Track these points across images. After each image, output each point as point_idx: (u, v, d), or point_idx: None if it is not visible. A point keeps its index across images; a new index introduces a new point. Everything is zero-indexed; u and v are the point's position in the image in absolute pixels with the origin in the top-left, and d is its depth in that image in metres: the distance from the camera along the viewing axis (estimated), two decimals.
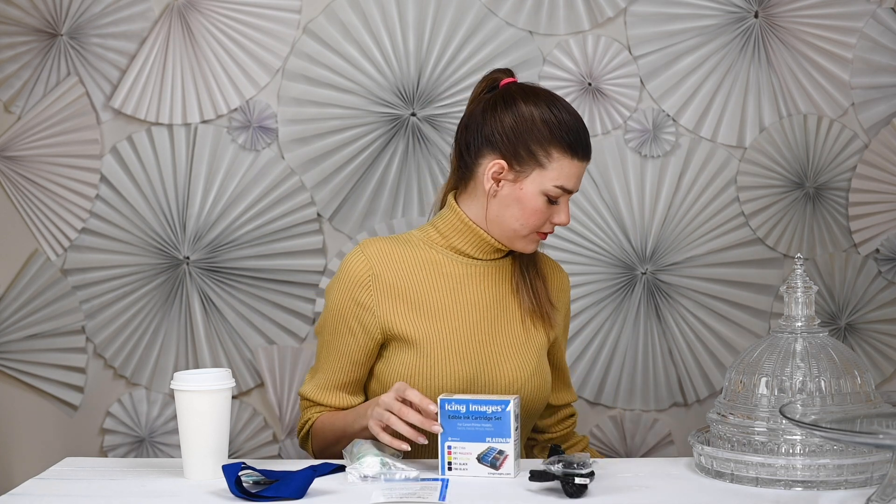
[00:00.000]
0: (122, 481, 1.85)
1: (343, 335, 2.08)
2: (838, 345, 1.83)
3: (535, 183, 2.02)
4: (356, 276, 2.07)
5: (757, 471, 1.75)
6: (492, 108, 2.05)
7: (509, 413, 1.80)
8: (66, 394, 2.68)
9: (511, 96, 2.04)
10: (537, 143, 2.01)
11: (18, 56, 2.62)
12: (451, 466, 1.82)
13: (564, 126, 2.01)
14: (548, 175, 2.01)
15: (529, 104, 2.02)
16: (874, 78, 2.65)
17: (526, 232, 2.05)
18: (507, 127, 2.02)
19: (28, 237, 2.65)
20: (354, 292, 2.07)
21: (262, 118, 2.64)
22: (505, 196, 2.04)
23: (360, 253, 2.09)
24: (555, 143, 2.00)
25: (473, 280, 2.10)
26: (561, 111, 2.02)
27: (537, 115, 2.01)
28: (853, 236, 2.67)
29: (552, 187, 2.01)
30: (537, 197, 2.02)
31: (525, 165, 2.02)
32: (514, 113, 2.02)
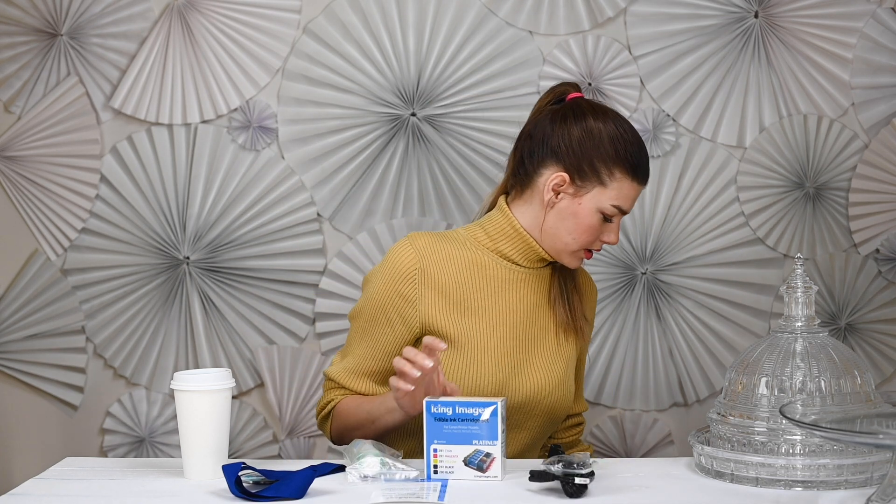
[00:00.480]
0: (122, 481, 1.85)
1: (381, 325, 2.08)
2: (838, 345, 1.83)
3: (594, 200, 2.03)
4: (403, 268, 2.07)
5: (757, 471, 1.75)
6: (561, 119, 2.06)
7: (496, 415, 1.79)
8: (66, 394, 2.68)
9: (581, 110, 2.05)
10: (602, 161, 2.02)
11: (18, 56, 2.62)
12: (436, 469, 1.81)
13: (631, 147, 2.03)
14: (607, 193, 2.03)
15: (598, 121, 2.03)
16: (874, 78, 2.65)
17: (576, 247, 2.07)
18: (575, 140, 2.03)
19: (28, 237, 2.65)
20: (399, 284, 2.07)
21: (262, 118, 2.64)
22: (562, 209, 2.05)
23: (409, 245, 2.09)
24: (619, 162, 2.02)
25: (514, 285, 2.11)
26: (628, 132, 2.04)
27: (605, 132, 2.02)
28: (853, 236, 2.67)
29: (609, 206, 2.03)
30: (593, 214, 2.04)
31: (586, 181, 2.03)
32: (583, 127, 2.03)
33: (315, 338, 2.68)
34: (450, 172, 2.65)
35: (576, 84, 2.16)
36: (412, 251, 2.08)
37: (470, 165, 2.65)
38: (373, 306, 2.09)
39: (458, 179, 2.65)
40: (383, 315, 2.08)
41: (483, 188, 2.65)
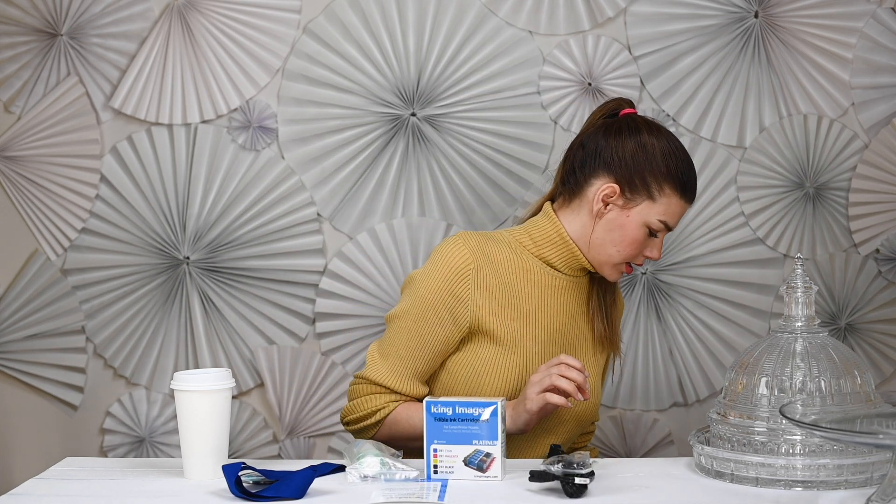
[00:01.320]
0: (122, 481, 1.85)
1: (430, 324, 2.07)
2: (838, 345, 1.83)
3: (642, 214, 2.05)
4: (458, 267, 2.06)
5: (757, 471, 1.75)
6: (615, 132, 2.08)
7: (497, 415, 1.79)
8: (66, 394, 2.68)
9: (636, 125, 2.08)
10: (653, 176, 2.05)
11: (18, 56, 2.62)
12: (436, 470, 1.81)
13: (682, 165, 2.06)
14: (656, 208, 2.05)
15: (653, 136, 2.06)
16: (874, 78, 2.65)
17: (619, 260, 2.08)
18: (628, 153, 2.06)
19: (28, 237, 2.65)
20: (453, 284, 2.06)
21: (262, 118, 2.64)
22: (610, 220, 2.07)
23: (462, 245, 2.08)
24: (670, 179, 2.05)
25: (555, 292, 2.12)
26: (680, 150, 2.07)
27: (659, 148, 2.05)
28: (853, 236, 2.67)
29: (656, 220, 2.05)
30: (640, 228, 2.06)
31: (636, 194, 2.05)
32: (637, 141, 2.06)
33: (315, 338, 2.68)
34: (450, 172, 2.65)
35: (629, 101, 2.18)
36: (466, 250, 2.07)
37: (470, 165, 2.65)
38: (422, 305, 2.07)
39: (458, 179, 2.65)
40: (434, 314, 2.07)
41: (483, 188, 2.65)
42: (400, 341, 2.09)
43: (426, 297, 2.07)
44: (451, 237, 2.12)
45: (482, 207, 2.66)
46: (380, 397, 2.09)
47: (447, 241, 2.11)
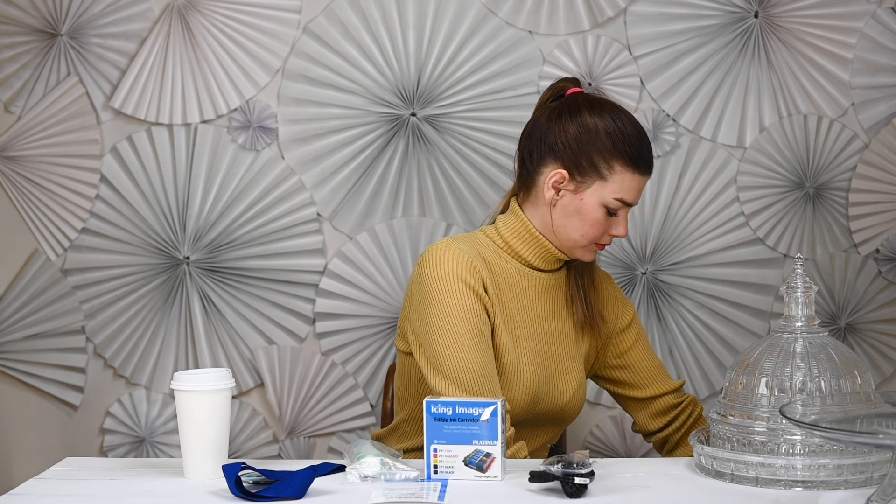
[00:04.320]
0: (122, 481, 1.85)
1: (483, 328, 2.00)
2: (838, 345, 1.83)
3: (596, 195, 2.02)
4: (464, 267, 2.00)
5: (757, 471, 1.75)
6: (556, 116, 2.05)
7: (497, 415, 1.79)
8: (66, 394, 2.68)
9: (576, 106, 2.04)
10: (599, 155, 2.01)
11: (18, 56, 2.62)
12: (436, 470, 1.81)
13: (628, 139, 2.01)
14: (609, 187, 2.01)
15: (594, 115, 2.02)
16: (874, 78, 2.65)
17: (585, 243, 2.06)
18: (571, 137, 2.02)
19: (28, 237, 2.66)
20: (469, 283, 2.00)
21: (262, 118, 2.64)
22: (565, 206, 2.04)
23: (455, 249, 2.02)
24: (617, 155, 2.01)
25: (534, 291, 2.10)
26: (625, 123, 2.02)
27: (601, 126, 2.01)
28: (853, 236, 2.67)
29: (612, 199, 2.01)
30: (597, 209, 2.02)
31: (586, 176, 2.02)
32: (579, 123, 2.02)
33: (315, 338, 2.68)
34: (450, 172, 2.65)
35: (575, 79, 2.14)
36: (460, 252, 2.02)
37: (470, 165, 2.65)
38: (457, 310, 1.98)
39: (458, 179, 2.66)
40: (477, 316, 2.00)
41: (483, 188, 2.65)
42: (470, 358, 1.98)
43: (454, 305, 1.99)
44: (437, 245, 2.05)
45: (482, 207, 2.66)
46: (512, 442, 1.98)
47: (434, 253, 2.03)
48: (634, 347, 2.22)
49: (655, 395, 2.23)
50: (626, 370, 2.23)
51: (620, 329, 2.22)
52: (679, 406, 2.23)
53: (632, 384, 2.23)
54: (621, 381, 2.24)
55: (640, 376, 2.22)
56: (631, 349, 2.22)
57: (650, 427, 2.24)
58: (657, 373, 2.24)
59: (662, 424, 2.23)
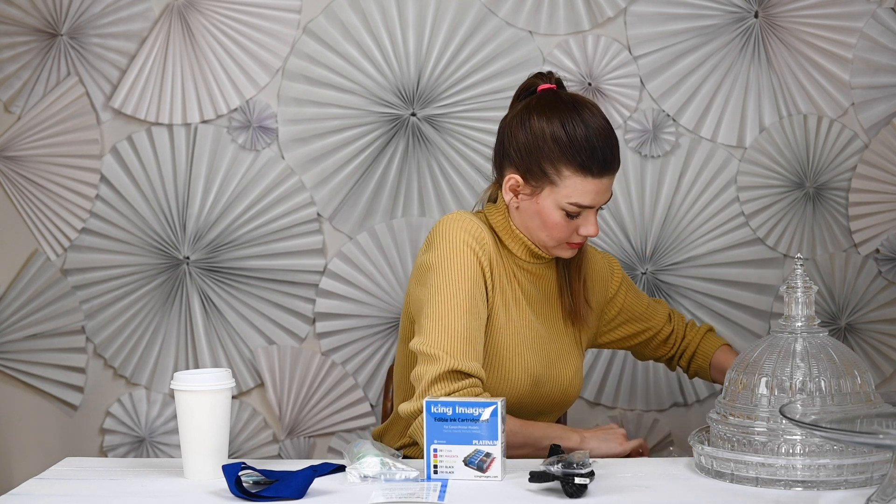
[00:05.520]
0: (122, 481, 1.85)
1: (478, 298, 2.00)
2: (838, 345, 1.83)
3: (550, 199, 2.00)
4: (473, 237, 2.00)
5: (757, 471, 1.75)
6: (510, 121, 2.04)
7: (497, 415, 1.79)
8: (66, 394, 2.68)
9: (528, 111, 2.02)
10: (548, 161, 1.99)
11: (18, 56, 2.62)
12: (436, 470, 1.81)
13: (575, 145, 1.97)
14: (561, 192, 1.99)
15: (542, 120, 2.00)
16: (874, 78, 2.65)
17: (554, 243, 2.05)
18: (521, 143, 2.01)
19: (28, 237, 2.66)
20: (476, 251, 2.01)
21: (262, 118, 2.64)
22: (526, 209, 2.04)
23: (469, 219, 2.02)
24: (564, 161, 1.98)
25: (528, 278, 2.11)
26: (575, 127, 1.98)
27: (548, 132, 1.98)
28: (853, 236, 2.67)
29: (567, 204, 2.00)
30: (554, 212, 2.01)
31: (539, 181, 2.00)
32: (527, 129, 2.01)
33: (315, 338, 2.68)
34: (450, 172, 2.65)
35: (545, 74, 2.10)
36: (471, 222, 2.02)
37: (470, 165, 2.65)
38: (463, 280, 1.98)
39: (458, 179, 2.66)
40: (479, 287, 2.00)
41: (483, 188, 2.65)
42: (462, 321, 1.96)
43: (465, 271, 1.99)
44: (451, 214, 2.05)
45: None
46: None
47: (449, 221, 2.03)
48: (625, 303, 2.26)
49: (656, 327, 2.29)
50: (623, 326, 2.28)
51: (610, 298, 2.25)
52: (683, 324, 2.32)
53: (633, 334, 2.29)
54: (623, 336, 2.29)
55: (636, 322, 2.28)
56: (622, 308, 2.26)
57: (665, 353, 2.31)
58: (649, 310, 2.29)
59: (674, 346, 2.30)
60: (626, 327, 2.28)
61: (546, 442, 1.99)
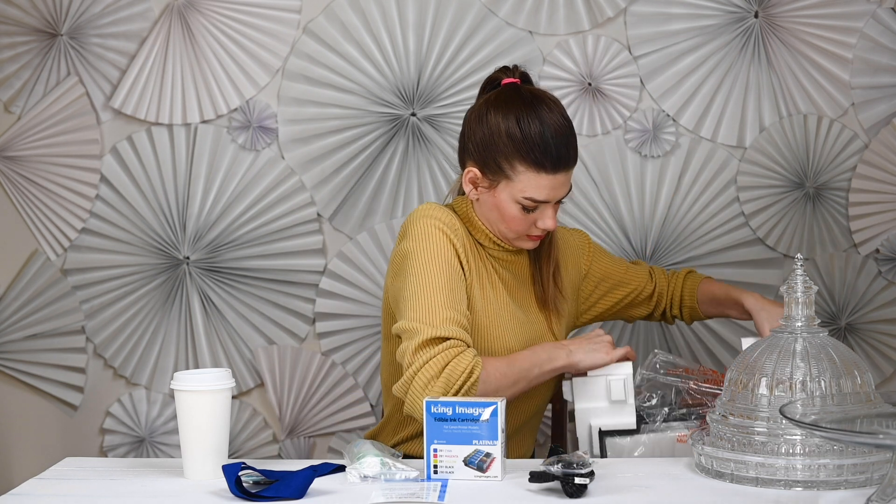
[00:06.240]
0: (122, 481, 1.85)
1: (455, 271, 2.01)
2: (838, 345, 1.83)
3: (506, 193, 2.03)
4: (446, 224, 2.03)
5: (757, 471, 1.75)
6: (469, 116, 2.07)
7: (497, 415, 1.79)
8: (66, 394, 2.68)
9: (487, 106, 2.04)
10: (503, 157, 2.01)
11: (18, 56, 2.62)
12: (436, 469, 1.81)
13: (529, 141, 1.99)
14: (516, 186, 2.01)
15: (499, 115, 2.01)
16: (874, 78, 2.65)
17: (513, 235, 2.07)
18: (478, 138, 2.03)
19: (28, 237, 2.66)
20: (449, 235, 2.03)
21: (262, 118, 2.64)
22: (485, 202, 2.06)
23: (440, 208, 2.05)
24: (518, 157, 2.00)
25: (500, 264, 2.12)
26: (530, 124, 2.00)
27: (503, 128, 2.00)
28: (853, 236, 2.67)
29: (522, 199, 2.01)
30: (511, 205, 2.03)
31: (495, 175, 2.03)
32: (484, 124, 2.03)
33: (315, 338, 2.68)
34: (450, 172, 2.65)
35: (510, 68, 2.12)
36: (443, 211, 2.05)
37: None
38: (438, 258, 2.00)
39: None
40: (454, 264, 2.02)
41: None
42: (441, 293, 1.97)
43: (441, 253, 2.00)
44: (423, 205, 2.07)
45: None
46: (462, 358, 1.93)
47: (421, 210, 2.06)
48: (604, 272, 2.28)
49: (640, 286, 2.30)
50: (608, 295, 2.29)
51: (585, 274, 2.28)
52: (665, 276, 2.34)
53: (619, 300, 2.30)
54: (610, 306, 2.31)
55: (620, 288, 2.30)
56: (602, 277, 2.28)
57: (654, 309, 2.33)
58: (629, 272, 2.31)
59: (661, 298, 2.32)
60: (611, 296, 2.30)
61: (536, 370, 2.01)
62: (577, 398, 2.03)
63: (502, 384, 1.97)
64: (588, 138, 2.65)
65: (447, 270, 1.99)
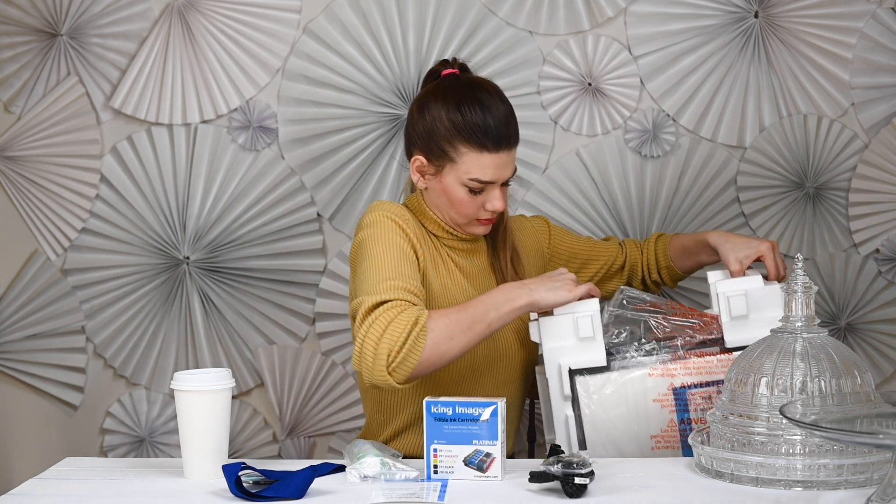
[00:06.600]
0: (122, 481, 1.85)
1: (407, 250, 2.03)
2: (838, 345, 1.83)
3: (452, 176, 2.08)
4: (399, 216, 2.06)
5: (757, 471, 1.75)
6: (413, 109, 2.13)
7: (497, 415, 1.79)
8: (66, 394, 2.68)
9: (428, 95, 2.11)
10: (446, 140, 2.06)
11: (18, 56, 2.62)
12: (436, 470, 1.81)
13: (470, 122, 2.05)
14: (461, 168, 2.06)
15: (439, 101, 2.08)
16: (874, 78, 2.65)
17: (463, 220, 2.11)
18: (421, 126, 2.09)
19: (28, 237, 2.66)
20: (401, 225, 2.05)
21: (262, 118, 2.64)
22: (433, 188, 2.11)
23: (392, 202, 2.10)
24: (460, 138, 2.05)
25: (458, 254, 2.15)
26: (471, 105, 2.06)
27: (444, 113, 2.06)
28: (853, 236, 2.67)
29: (468, 180, 2.06)
30: (458, 188, 2.08)
31: (440, 160, 2.08)
32: (426, 113, 2.09)
33: (315, 338, 2.68)
34: None
35: (449, 61, 2.18)
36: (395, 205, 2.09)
37: None
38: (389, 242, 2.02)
39: None
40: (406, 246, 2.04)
41: None
42: (387, 268, 1.99)
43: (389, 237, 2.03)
44: (372, 204, 2.10)
45: None
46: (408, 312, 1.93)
47: (371, 206, 2.09)
48: (570, 251, 2.30)
49: (611, 258, 2.32)
50: (579, 275, 2.29)
51: (549, 258, 2.30)
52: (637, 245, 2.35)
53: (592, 276, 2.32)
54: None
55: (591, 264, 2.31)
56: (570, 257, 2.29)
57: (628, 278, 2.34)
58: (597, 248, 2.33)
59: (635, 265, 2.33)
60: (583, 273, 2.31)
61: (493, 313, 1.98)
62: (545, 338, 2.01)
63: (455, 330, 1.94)
64: (588, 138, 2.65)
65: (396, 253, 2.02)
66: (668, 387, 1.99)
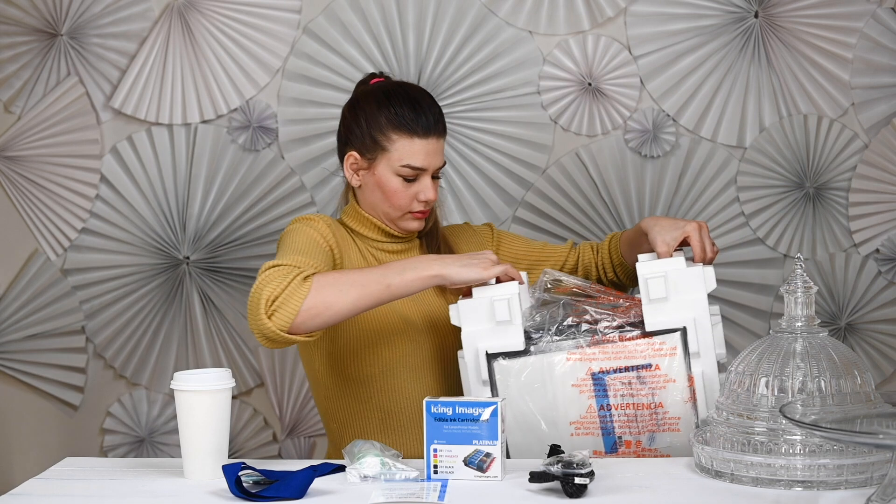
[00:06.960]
0: (122, 481, 1.85)
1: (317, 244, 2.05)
2: (838, 345, 1.83)
3: (386, 166, 2.11)
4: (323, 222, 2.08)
5: (757, 471, 1.75)
6: (345, 110, 2.17)
7: (497, 415, 1.79)
8: (66, 394, 2.68)
9: (357, 98, 2.16)
10: (377, 130, 2.10)
11: (18, 56, 2.63)
12: (436, 470, 1.81)
13: (400, 111, 2.10)
14: (393, 156, 2.10)
15: (370, 97, 2.13)
16: (874, 78, 2.65)
17: (397, 214, 2.13)
18: (352, 123, 2.14)
19: (28, 237, 2.66)
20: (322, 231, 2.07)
21: (262, 118, 2.64)
22: (367, 184, 2.13)
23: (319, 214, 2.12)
24: (391, 127, 2.10)
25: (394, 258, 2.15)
26: (400, 98, 2.11)
27: (374, 105, 2.11)
28: (853, 236, 2.67)
29: (400, 167, 2.10)
30: (392, 179, 2.11)
31: (373, 152, 2.11)
32: (356, 109, 2.14)
33: None
34: (449, 172, 2.65)
35: (377, 73, 2.22)
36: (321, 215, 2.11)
37: (469, 165, 2.65)
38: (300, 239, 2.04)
39: (457, 179, 2.66)
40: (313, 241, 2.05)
41: (482, 187, 2.65)
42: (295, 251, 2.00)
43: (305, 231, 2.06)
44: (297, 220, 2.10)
45: (482, 207, 2.66)
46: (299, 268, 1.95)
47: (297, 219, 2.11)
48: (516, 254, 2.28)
49: (561, 259, 2.29)
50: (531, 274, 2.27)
51: None
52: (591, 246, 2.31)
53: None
54: None
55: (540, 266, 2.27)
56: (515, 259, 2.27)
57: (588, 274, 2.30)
58: (545, 249, 2.30)
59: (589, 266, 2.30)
60: (532, 276, 2.26)
61: (395, 277, 1.95)
62: (464, 321, 1.99)
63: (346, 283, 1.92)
64: (588, 138, 2.65)
65: (307, 241, 2.03)
66: (586, 371, 1.94)
